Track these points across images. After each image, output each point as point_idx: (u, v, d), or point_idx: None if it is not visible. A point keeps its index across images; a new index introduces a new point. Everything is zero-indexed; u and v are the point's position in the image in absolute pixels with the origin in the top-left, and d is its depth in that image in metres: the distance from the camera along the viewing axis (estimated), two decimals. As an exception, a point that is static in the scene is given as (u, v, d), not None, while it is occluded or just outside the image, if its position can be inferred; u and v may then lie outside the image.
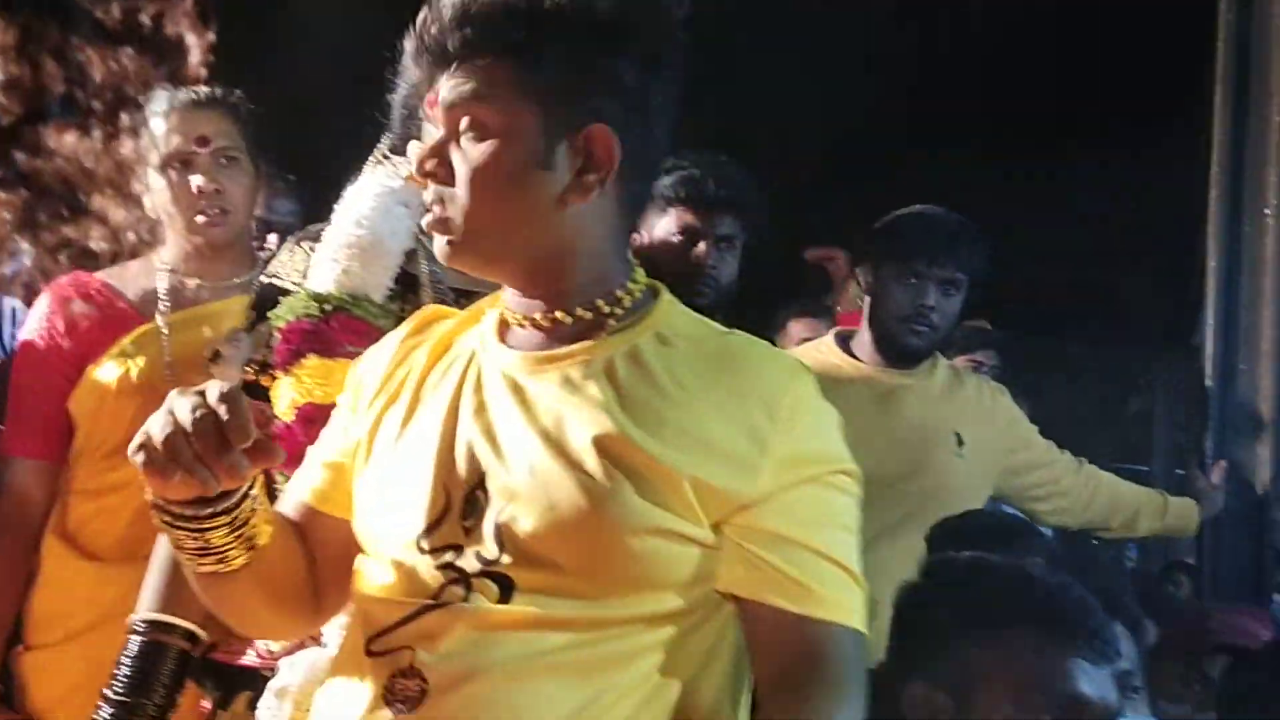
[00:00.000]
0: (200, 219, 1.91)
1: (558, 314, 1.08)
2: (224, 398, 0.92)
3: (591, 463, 1.00)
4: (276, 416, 1.48)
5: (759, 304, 2.99)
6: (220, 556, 1.01)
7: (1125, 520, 2.53)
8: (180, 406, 0.93)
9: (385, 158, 1.61)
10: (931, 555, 1.46)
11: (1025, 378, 3.20)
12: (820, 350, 2.41)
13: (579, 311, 1.07)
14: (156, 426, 0.93)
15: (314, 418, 1.28)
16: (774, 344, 2.26)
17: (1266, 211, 2.78)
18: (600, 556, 0.99)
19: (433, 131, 1.53)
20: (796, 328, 3.08)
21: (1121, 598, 1.28)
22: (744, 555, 1.00)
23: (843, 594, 1.01)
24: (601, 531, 0.99)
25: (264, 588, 1.08)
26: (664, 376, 1.04)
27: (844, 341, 2.41)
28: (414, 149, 1.58)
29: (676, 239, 1.98)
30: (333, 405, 1.22)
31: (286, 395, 1.47)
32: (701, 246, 1.97)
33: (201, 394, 0.93)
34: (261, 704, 1.38)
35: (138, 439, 0.94)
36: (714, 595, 1.03)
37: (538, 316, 1.08)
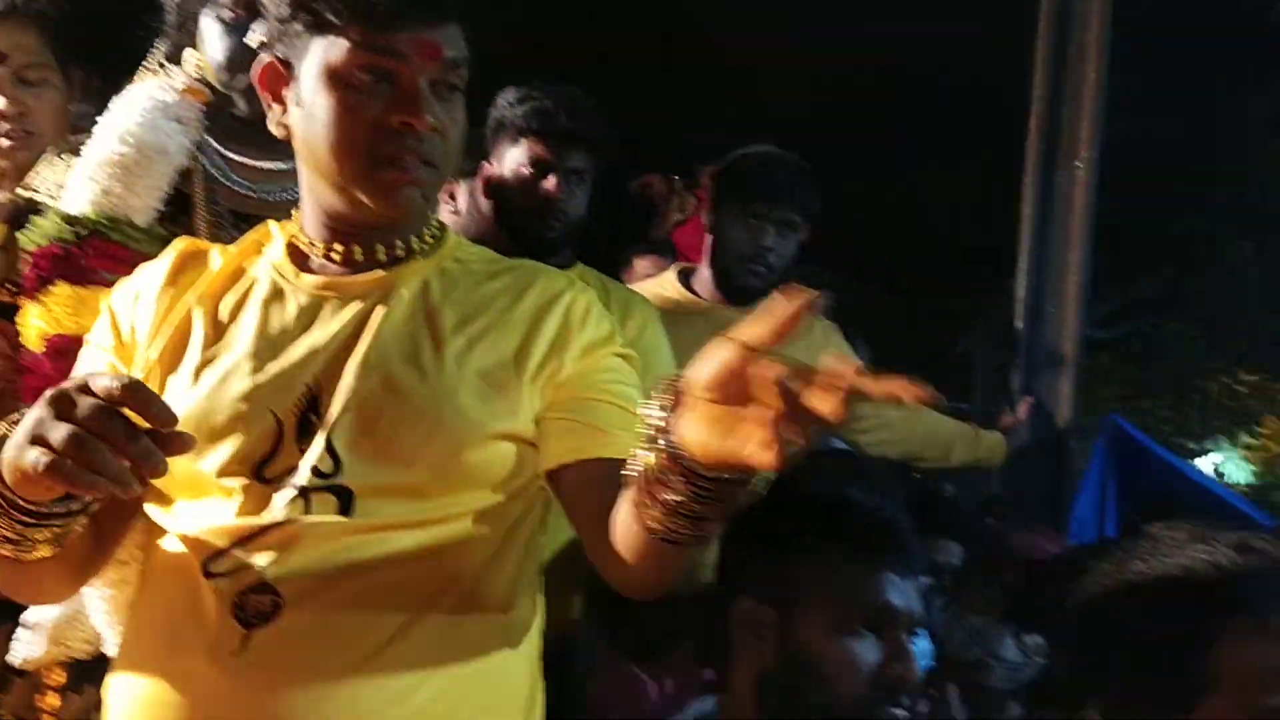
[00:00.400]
0: (3, 142, 1.78)
1: (392, 246, 1.14)
2: (128, 389, 0.85)
3: (429, 373, 1.07)
4: (24, 345, 1.39)
5: (605, 239, 3.04)
6: (57, 543, 1.00)
7: (940, 452, 2.70)
8: (81, 409, 0.84)
9: (160, 65, 1.51)
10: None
11: (858, 318, 3.35)
12: (662, 286, 2.47)
13: (402, 245, 1.14)
14: (59, 434, 0.84)
15: (66, 350, 1.21)
16: (619, 280, 2.33)
17: (1078, 164, 2.99)
18: (441, 462, 1.05)
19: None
20: (641, 264, 3.13)
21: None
22: (563, 427, 1.11)
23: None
24: (443, 438, 1.05)
25: (68, 559, 1.06)
26: (474, 293, 1.14)
27: (685, 278, 2.47)
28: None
29: (526, 171, 1.98)
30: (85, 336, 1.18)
31: (35, 324, 1.38)
32: (551, 179, 1.97)
33: (86, 388, 0.86)
34: (15, 636, 1.32)
35: (32, 451, 0.84)
36: (533, 487, 1.13)
37: (367, 247, 1.13)
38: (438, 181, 1.12)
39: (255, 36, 1.38)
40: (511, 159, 2.00)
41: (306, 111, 1.09)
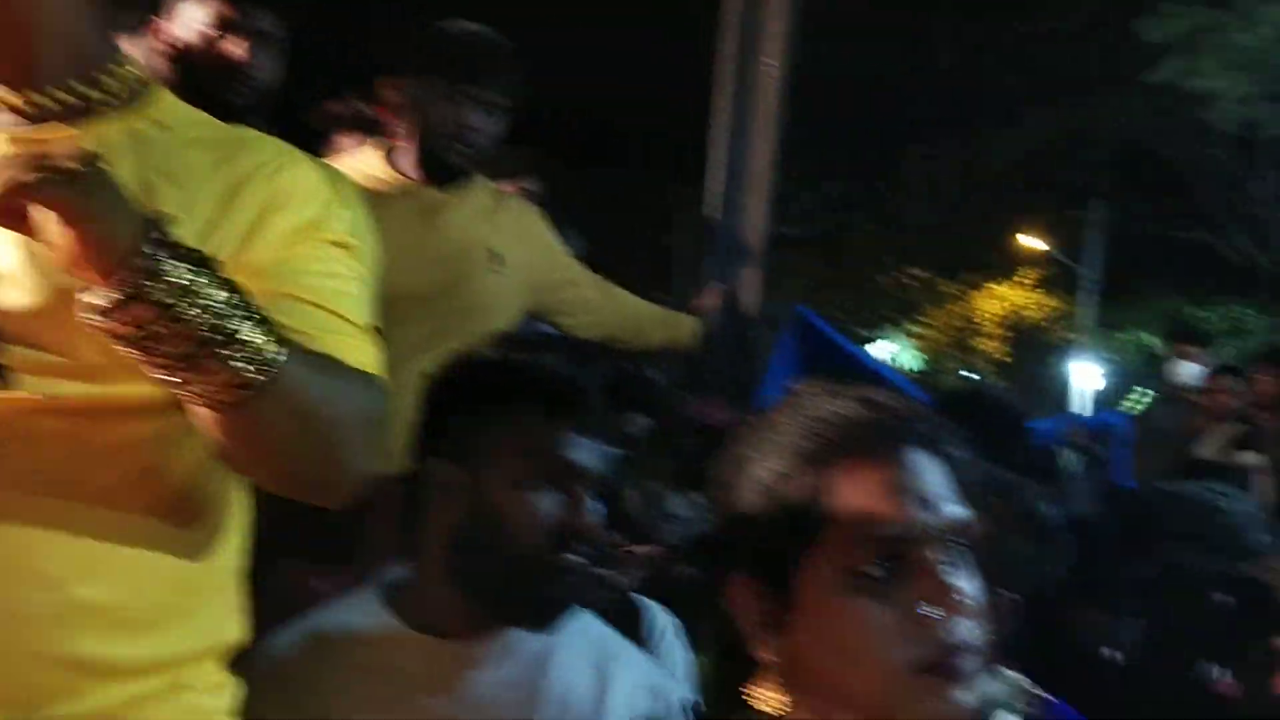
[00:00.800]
0: None
1: (29, 95, 1.02)
2: None
3: None
4: None
5: (304, 112, 2.89)
6: None
7: (636, 333, 2.81)
8: None
9: None
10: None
11: (566, 206, 3.40)
12: (364, 163, 2.39)
13: (53, 93, 1.02)
14: None
15: None
16: (317, 155, 2.23)
17: (769, 62, 3.14)
18: (99, 339, 0.97)
19: None
20: (345, 141, 3.01)
21: None
22: None
23: (345, 338, 1.04)
24: None
25: None
26: (169, 160, 1.04)
27: (388, 156, 2.41)
28: None
29: (210, 31, 1.85)
30: None
31: None
32: (237, 41, 1.86)
33: None
34: None
35: None
36: None
37: (6, 96, 1.02)
38: None
39: None
40: (192, 18, 1.86)
41: None
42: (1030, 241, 19.01)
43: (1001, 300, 20.49)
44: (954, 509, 0.96)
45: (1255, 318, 15.45)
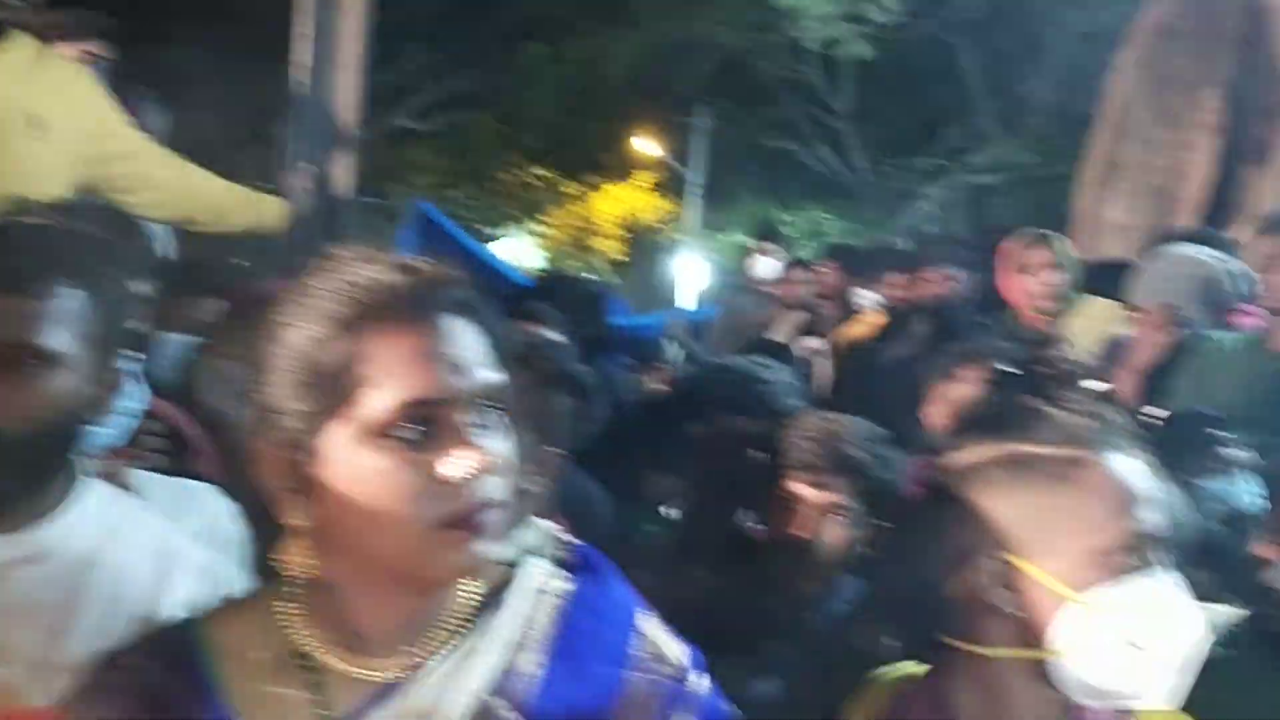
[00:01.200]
0: None
1: None
2: None
3: None
4: None
5: None
6: None
7: (215, 215, 2.65)
8: None
9: None
10: None
11: (150, 81, 3.12)
12: None
13: None
14: None
15: None
16: None
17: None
18: None
19: None
20: None
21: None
22: None
23: None
24: None
25: None
26: None
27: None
28: None
29: None
30: None
31: None
32: None
33: None
34: None
35: None
36: None
37: None
38: None
39: None
40: None
41: None
42: (644, 145, 19.84)
43: (619, 201, 21.32)
44: (485, 373, 0.99)
45: (833, 221, 17.24)
